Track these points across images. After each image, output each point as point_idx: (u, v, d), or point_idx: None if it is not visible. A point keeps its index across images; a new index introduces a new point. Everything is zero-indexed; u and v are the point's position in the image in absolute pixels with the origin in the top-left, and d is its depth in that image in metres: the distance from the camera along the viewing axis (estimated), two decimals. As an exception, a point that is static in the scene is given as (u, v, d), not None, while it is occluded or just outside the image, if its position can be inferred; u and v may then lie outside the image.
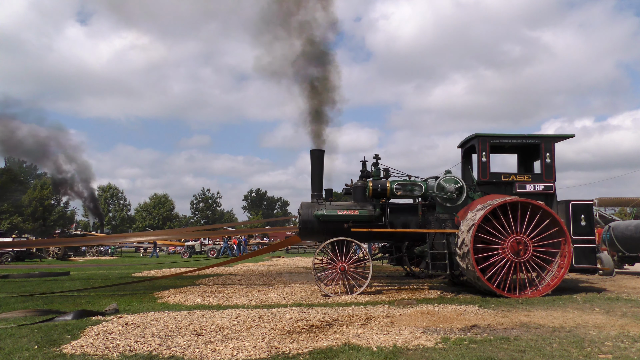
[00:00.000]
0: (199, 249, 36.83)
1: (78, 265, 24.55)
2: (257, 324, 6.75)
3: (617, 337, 5.81)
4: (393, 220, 10.90)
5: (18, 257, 28.44)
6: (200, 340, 5.83)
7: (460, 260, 9.67)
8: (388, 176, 11.13)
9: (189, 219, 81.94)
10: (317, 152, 11.43)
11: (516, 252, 9.57)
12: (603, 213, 24.72)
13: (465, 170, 11.78)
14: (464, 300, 9.31)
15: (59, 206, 57.50)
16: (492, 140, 10.78)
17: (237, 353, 5.23)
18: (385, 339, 5.72)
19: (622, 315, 7.30)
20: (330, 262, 10.68)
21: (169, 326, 6.65)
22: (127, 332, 6.32)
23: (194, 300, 9.81)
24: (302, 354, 5.18)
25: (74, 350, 5.40)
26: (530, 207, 9.64)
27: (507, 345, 5.45)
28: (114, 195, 70.93)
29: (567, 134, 11.38)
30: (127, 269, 21.33)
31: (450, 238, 10.31)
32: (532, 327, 6.45)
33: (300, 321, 6.82)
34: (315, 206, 10.98)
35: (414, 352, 5.20)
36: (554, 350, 5.21)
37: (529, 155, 11.82)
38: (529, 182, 10.68)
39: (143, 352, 5.32)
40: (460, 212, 10.52)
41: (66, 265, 24.67)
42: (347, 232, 10.66)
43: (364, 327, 6.51)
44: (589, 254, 10.15)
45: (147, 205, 73.53)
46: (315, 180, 11.38)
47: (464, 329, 6.31)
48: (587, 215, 10.28)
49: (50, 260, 30.69)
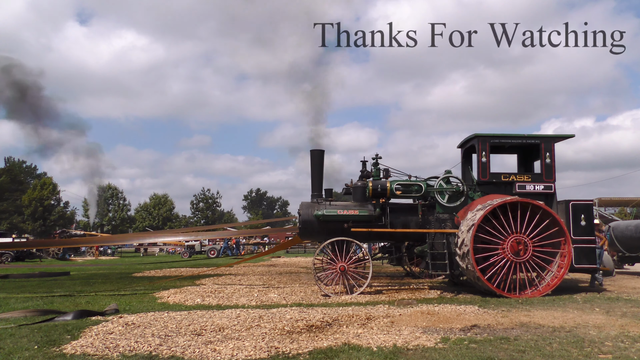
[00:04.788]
0: (199, 249, 36.84)
1: (78, 265, 24.56)
2: (257, 324, 6.75)
3: (617, 337, 5.81)
4: (393, 220, 10.90)
5: (18, 257, 28.42)
6: (200, 340, 5.83)
7: (460, 260, 9.67)
8: (388, 176, 11.13)
9: (189, 219, 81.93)
10: (317, 152, 11.43)
11: (516, 252, 9.57)
12: (603, 213, 24.73)
13: (465, 170, 11.79)
14: (464, 300, 9.31)
15: (59, 206, 57.49)
16: (492, 140, 10.79)
17: (237, 353, 5.23)
18: (385, 339, 5.72)
19: (622, 315, 7.30)
20: (330, 262, 10.68)
21: (169, 326, 6.65)
22: (127, 332, 6.32)
23: (194, 300, 9.81)
24: (302, 354, 5.18)
25: (74, 350, 5.40)
26: (530, 207, 9.64)
27: (507, 345, 5.45)
28: (114, 195, 70.84)
29: (567, 134, 11.39)
30: (127, 268, 21.32)
31: (450, 238, 10.31)
32: (532, 327, 6.45)
33: (300, 321, 6.81)
34: (315, 206, 10.98)
35: (414, 352, 5.20)
36: (554, 350, 5.21)
37: (529, 155, 11.82)
38: (529, 182, 10.68)
39: (143, 352, 5.32)
40: (460, 212, 10.52)
41: (66, 265, 24.66)
42: (347, 232, 10.66)
43: (364, 327, 6.51)
44: (589, 254, 10.15)
45: (147, 205, 73.48)
46: (315, 180, 11.38)
47: (464, 329, 6.31)
48: (587, 215, 10.28)
49: (50, 260, 30.69)
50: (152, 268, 20.59)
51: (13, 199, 54.87)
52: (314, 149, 11.49)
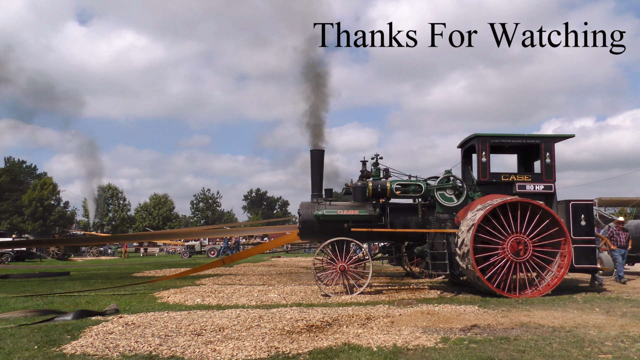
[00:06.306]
0: (199, 249, 36.85)
1: (78, 266, 24.56)
2: (257, 324, 6.75)
3: (617, 337, 5.81)
4: (393, 220, 10.90)
5: (18, 257, 28.44)
6: (200, 340, 5.83)
7: (460, 260, 9.67)
8: (388, 176, 11.13)
9: (189, 219, 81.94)
10: (317, 152, 11.43)
11: (516, 252, 9.57)
12: (603, 213, 24.68)
13: (465, 170, 11.79)
14: (464, 300, 9.31)
15: (59, 206, 57.49)
16: (492, 140, 10.79)
17: (237, 353, 5.23)
18: (385, 339, 5.72)
19: (622, 315, 7.30)
20: (330, 262, 10.68)
21: (169, 326, 6.65)
22: (127, 332, 6.32)
23: (194, 300, 9.81)
24: (302, 354, 5.18)
25: (74, 350, 5.40)
26: (530, 207, 9.64)
27: (507, 345, 5.45)
28: (114, 195, 70.85)
29: (567, 134, 11.39)
30: (127, 269, 21.33)
31: (450, 238, 10.31)
32: (532, 327, 6.45)
33: (300, 321, 6.81)
34: (315, 206, 10.98)
35: (414, 352, 5.20)
36: (554, 350, 5.21)
37: (529, 155, 11.82)
38: (528, 182, 10.68)
39: (143, 352, 5.32)
40: (460, 212, 10.52)
41: (66, 266, 24.67)
42: (347, 232, 10.66)
43: (364, 327, 6.51)
44: (589, 254, 10.15)
45: (147, 205, 73.48)
46: (315, 180, 11.38)
47: (464, 329, 6.31)
48: (587, 215, 10.27)
49: (50, 260, 30.70)
50: (151, 268, 20.60)
51: (13, 199, 54.87)
52: (314, 149, 11.49)
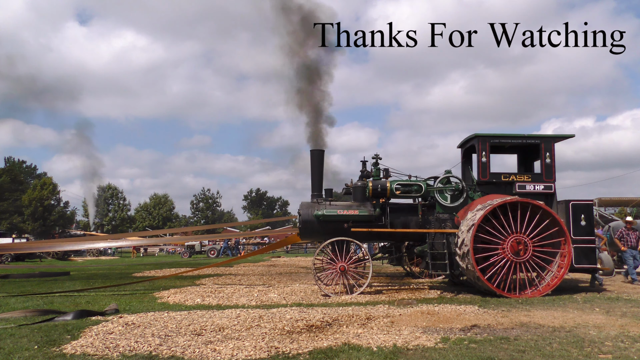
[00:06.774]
0: (199, 249, 36.84)
1: (78, 265, 24.56)
2: (257, 324, 6.75)
3: (617, 337, 5.81)
4: (393, 220, 10.90)
5: (18, 257, 28.42)
6: (200, 340, 5.83)
7: (460, 260, 9.67)
8: (388, 176, 11.13)
9: (189, 219, 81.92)
10: (317, 152, 11.43)
11: (516, 252, 9.56)
12: (603, 213, 24.69)
13: (465, 170, 11.79)
14: (464, 300, 9.31)
15: (59, 206, 57.47)
16: (492, 140, 10.79)
17: (237, 353, 5.23)
18: (385, 339, 5.72)
19: (622, 315, 7.30)
20: (330, 262, 10.68)
21: (169, 326, 6.65)
22: (127, 332, 6.32)
23: (194, 300, 9.81)
24: (302, 354, 5.18)
25: (74, 350, 5.40)
26: (530, 207, 9.64)
27: (507, 345, 5.45)
28: (114, 195, 70.85)
29: (567, 134, 11.40)
30: (127, 269, 21.33)
31: (450, 238, 10.31)
32: (532, 327, 6.45)
33: (300, 321, 6.81)
34: (315, 206, 10.98)
35: (414, 352, 5.20)
36: (554, 350, 5.21)
37: (529, 155, 11.82)
38: (529, 182, 10.68)
39: (143, 352, 5.32)
40: (460, 212, 10.52)
41: (66, 265, 24.67)
42: (347, 232, 10.66)
43: (364, 327, 6.51)
44: (589, 254, 10.15)
45: (147, 205, 73.49)
46: (315, 180, 11.38)
47: (464, 329, 6.31)
48: (587, 215, 10.27)
49: (50, 260, 30.68)
50: (151, 268, 20.59)
51: (13, 199, 54.84)
52: (314, 148, 11.49)
